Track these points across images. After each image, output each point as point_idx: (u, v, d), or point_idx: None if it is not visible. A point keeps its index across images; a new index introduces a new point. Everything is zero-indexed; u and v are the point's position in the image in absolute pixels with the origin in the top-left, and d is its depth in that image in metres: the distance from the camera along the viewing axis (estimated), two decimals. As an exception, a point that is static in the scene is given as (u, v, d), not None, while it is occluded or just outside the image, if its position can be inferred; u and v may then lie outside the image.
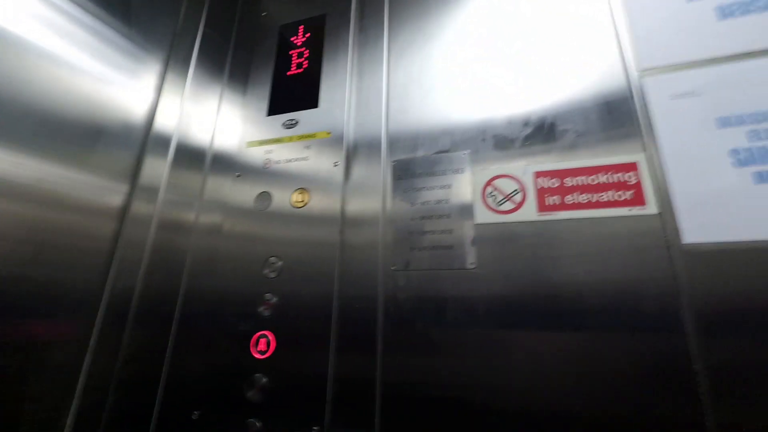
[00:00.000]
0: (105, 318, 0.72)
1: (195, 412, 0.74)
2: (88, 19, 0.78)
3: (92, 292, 0.72)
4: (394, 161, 0.81)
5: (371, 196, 0.80)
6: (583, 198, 0.65)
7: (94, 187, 0.74)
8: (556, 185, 0.67)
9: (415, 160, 0.80)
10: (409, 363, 0.67)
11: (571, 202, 0.66)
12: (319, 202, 0.82)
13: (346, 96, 0.90)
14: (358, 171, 0.83)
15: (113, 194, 0.77)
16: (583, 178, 0.66)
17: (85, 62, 0.76)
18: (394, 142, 0.83)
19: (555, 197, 0.67)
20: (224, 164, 0.95)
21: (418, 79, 0.86)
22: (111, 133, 0.79)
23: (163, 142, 0.88)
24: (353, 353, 0.70)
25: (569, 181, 0.67)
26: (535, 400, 0.59)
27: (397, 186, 0.79)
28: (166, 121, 0.89)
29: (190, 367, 0.78)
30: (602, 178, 0.65)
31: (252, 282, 0.80)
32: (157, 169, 0.85)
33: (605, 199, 0.64)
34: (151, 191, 0.83)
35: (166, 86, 0.91)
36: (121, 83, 0.82)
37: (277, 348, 0.74)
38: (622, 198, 0.63)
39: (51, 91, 0.69)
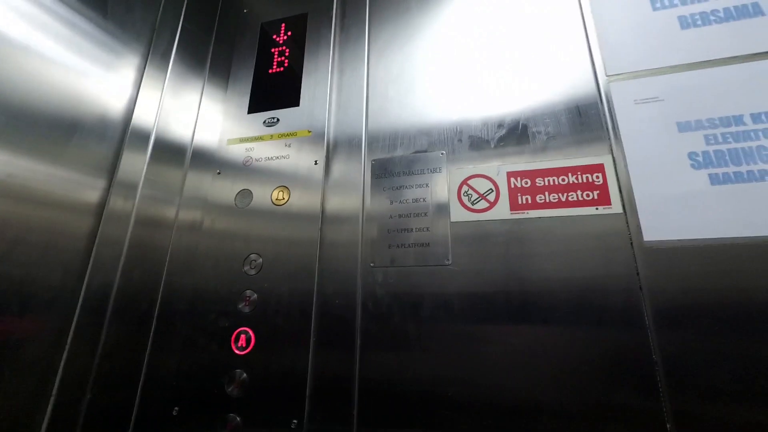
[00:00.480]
0: (81, 315, 0.71)
1: (175, 408, 0.74)
2: (62, 9, 0.77)
3: (68, 288, 0.71)
4: (373, 160, 0.82)
5: (351, 194, 0.81)
6: (552, 197, 0.68)
7: (69, 182, 0.73)
8: (528, 185, 0.70)
9: (394, 159, 0.81)
10: (387, 358, 0.68)
11: (542, 201, 0.68)
12: (300, 200, 0.83)
13: (326, 95, 0.90)
14: (338, 169, 0.84)
15: (89, 189, 0.77)
16: (553, 178, 0.69)
17: (59, 54, 0.75)
18: (374, 141, 0.84)
19: (526, 197, 0.70)
20: (204, 161, 0.95)
21: (398, 79, 0.87)
22: (87, 127, 0.77)
23: (141, 136, 0.87)
24: (332, 349, 0.71)
25: (540, 181, 0.70)
26: (507, 392, 0.62)
27: (376, 184, 0.80)
28: (144, 116, 0.88)
29: (169, 363, 0.78)
30: (571, 179, 0.68)
31: (232, 279, 0.80)
32: (135, 165, 0.85)
33: (573, 199, 0.67)
34: (130, 187, 0.83)
35: (145, 80, 0.90)
36: (97, 76, 0.81)
37: (256, 344, 0.74)
38: (589, 197, 0.66)
39: (23, 83, 0.68)
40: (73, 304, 0.71)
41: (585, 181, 0.67)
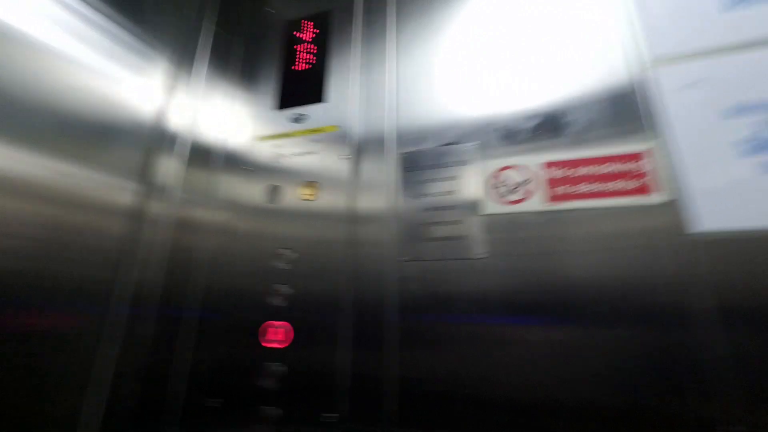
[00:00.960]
0: (118, 312, 0.73)
1: (214, 400, 0.75)
2: (99, 18, 0.79)
3: (106, 287, 0.73)
4: (402, 154, 0.82)
5: (380, 188, 0.81)
6: (592, 188, 0.66)
7: (105, 185, 0.75)
8: (566, 175, 0.68)
9: (423, 152, 0.80)
10: (420, 355, 0.67)
11: (580, 192, 0.66)
12: (328, 195, 0.83)
13: (353, 90, 0.90)
14: (367, 164, 0.84)
15: (125, 192, 0.79)
16: (593, 167, 0.67)
17: (97, 62, 0.77)
18: (402, 134, 0.83)
19: (564, 187, 0.67)
20: (234, 160, 0.96)
21: (426, 72, 0.86)
22: (121, 132, 0.80)
23: (172, 139, 0.89)
24: (365, 343, 0.71)
25: (578, 171, 0.67)
26: (546, 392, 0.60)
27: (406, 178, 0.80)
28: (175, 119, 0.90)
29: (208, 357, 0.79)
30: (612, 168, 0.66)
31: (265, 274, 0.81)
32: (167, 167, 0.86)
33: (615, 189, 0.64)
34: (162, 189, 0.84)
35: (176, 84, 0.92)
36: (131, 81, 0.83)
37: (293, 338, 0.75)
38: (633, 187, 0.64)
39: (64, 92, 0.70)
40: (111, 301, 0.73)
41: (628, 170, 0.65)
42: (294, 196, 0.86)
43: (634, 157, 0.65)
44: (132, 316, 0.75)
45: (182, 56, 0.95)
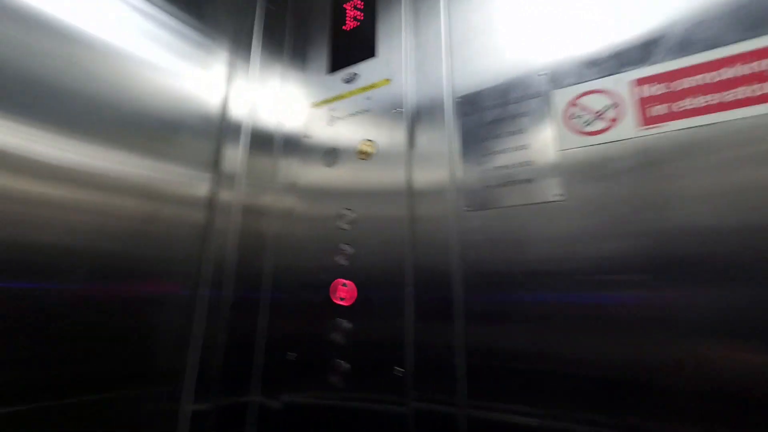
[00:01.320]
0: (206, 282, 0.81)
1: (291, 354, 0.80)
2: (167, 18, 0.84)
3: (194, 265, 0.81)
4: (460, 97, 0.75)
5: (437, 137, 0.76)
6: (701, 101, 0.53)
7: (187, 177, 0.82)
8: (663, 91, 0.56)
9: (483, 92, 0.73)
10: (487, 320, 0.63)
11: (685, 108, 0.54)
12: (385, 151, 0.81)
13: (403, 41, 0.85)
14: (422, 112, 0.79)
15: (202, 183, 0.85)
16: (700, 77, 0.54)
17: (170, 62, 0.83)
18: (458, 77, 0.76)
19: (662, 106, 0.55)
20: (293, 131, 0.98)
21: (479, 9, 0.78)
22: (195, 125, 0.85)
23: (237, 125, 0.92)
24: (430, 298, 0.68)
25: (680, 84, 0.55)
26: (631, 368, 0.51)
27: (465, 122, 0.73)
28: (237, 105, 0.94)
29: (283, 315, 0.84)
30: (729, 73, 0.52)
31: (328, 235, 0.82)
32: (234, 153, 0.91)
33: (734, 98, 0.51)
34: (232, 176, 0.89)
35: (235, 71, 0.95)
36: (198, 76, 0.88)
37: (357, 295, 0.75)
38: (759, 93, 0.50)
39: (147, 94, 0.77)
40: (196, 276, 0.80)
41: (751, 72, 0.51)
42: (351, 157, 0.85)
43: (762, 53, 0.50)
44: (215, 283, 0.82)
45: (239, 41, 0.98)
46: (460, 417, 0.61)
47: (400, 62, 0.84)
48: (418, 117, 0.79)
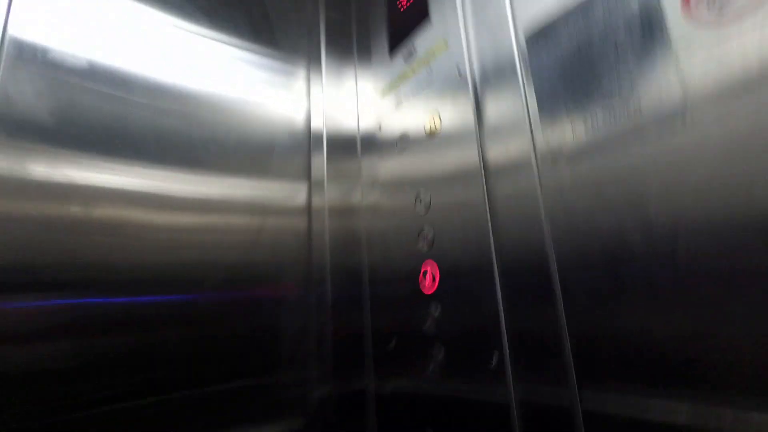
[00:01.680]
0: (311, 282, 0.89)
1: (391, 343, 0.80)
2: (253, 57, 0.96)
3: (304, 267, 0.89)
4: (530, 37, 0.61)
5: (507, 92, 0.64)
6: None
7: (289, 190, 0.93)
8: None
9: (558, 21, 0.57)
10: (595, 277, 0.49)
11: None
12: (452, 122, 0.73)
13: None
14: (486, 67, 0.68)
15: (300, 193, 0.94)
16: None
17: (260, 93, 0.94)
18: (521, 13, 0.63)
19: None
20: (366, 127, 0.99)
21: None
22: (284, 142, 0.95)
23: (318, 132, 0.99)
24: (520, 279, 0.58)
25: None
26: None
27: (540, 63, 0.59)
28: (317, 115, 1.00)
29: (381, 306, 0.86)
30: None
31: (408, 220, 0.80)
32: (319, 160, 0.97)
33: None
34: (321, 181, 0.96)
35: (312, 85, 1.02)
36: (281, 98, 0.97)
37: (441, 281, 0.70)
38: None
39: (247, 127, 0.90)
40: (310, 277, 0.89)
41: None
42: (420, 137, 0.80)
43: None
44: (321, 282, 0.89)
45: (311, 56, 1.05)
46: (573, 409, 0.50)
47: (456, 18, 0.75)
48: (484, 74, 0.68)
